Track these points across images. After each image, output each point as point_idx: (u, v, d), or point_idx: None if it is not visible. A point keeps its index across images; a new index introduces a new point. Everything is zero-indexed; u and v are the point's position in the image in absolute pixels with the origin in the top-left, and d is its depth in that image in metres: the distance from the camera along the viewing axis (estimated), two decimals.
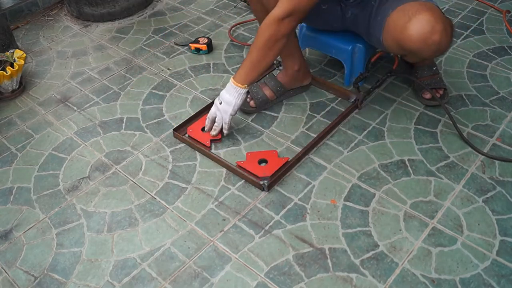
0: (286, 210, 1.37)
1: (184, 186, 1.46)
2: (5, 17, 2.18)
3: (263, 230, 1.31)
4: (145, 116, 1.73)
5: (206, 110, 1.65)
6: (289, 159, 1.48)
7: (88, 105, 1.80)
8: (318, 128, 1.62)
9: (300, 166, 1.49)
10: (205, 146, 1.55)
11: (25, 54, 1.88)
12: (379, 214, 1.34)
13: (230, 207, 1.38)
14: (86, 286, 1.21)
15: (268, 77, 1.74)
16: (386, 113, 1.67)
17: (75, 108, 1.79)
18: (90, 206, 1.42)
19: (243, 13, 2.30)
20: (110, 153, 1.59)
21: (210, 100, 1.75)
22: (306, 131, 1.62)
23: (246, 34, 2.14)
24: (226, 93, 1.50)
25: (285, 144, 1.58)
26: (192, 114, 1.68)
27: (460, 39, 2.02)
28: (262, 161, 1.49)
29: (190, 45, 2.04)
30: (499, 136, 1.56)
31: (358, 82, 1.70)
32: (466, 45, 1.98)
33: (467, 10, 2.21)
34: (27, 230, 1.36)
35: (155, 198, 1.43)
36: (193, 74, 1.92)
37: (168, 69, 1.96)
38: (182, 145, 1.60)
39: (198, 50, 2.02)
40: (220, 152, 1.56)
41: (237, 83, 1.48)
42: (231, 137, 1.61)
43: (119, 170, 1.52)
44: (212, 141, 1.57)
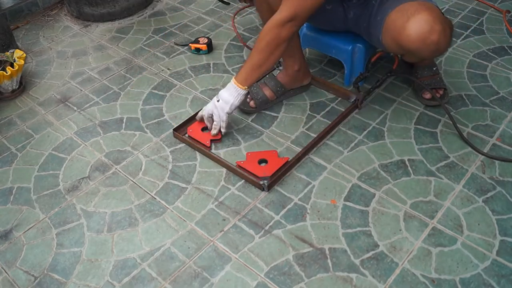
0: (286, 210, 1.37)
1: (184, 186, 1.46)
2: (5, 17, 2.18)
3: (263, 230, 1.31)
4: (145, 116, 1.73)
5: None
6: (289, 159, 1.48)
7: (88, 105, 1.80)
8: (318, 128, 1.62)
9: (300, 166, 1.49)
10: (205, 146, 1.55)
11: (25, 54, 1.88)
12: (379, 214, 1.34)
13: (230, 207, 1.38)
14: (86, 286, 1.21)
15: (268, 77, 1.74)
16: (386, 113, 1.67)
17: (75, 108, 1.79)
18: (90, 206, 1.42)
19: (243, 13, 2.30)
20: (110, 153, 1.59)
21: (210, 100, 1.75)
22: (306, 131, 1.62)
23: (246, 34, 2.13)
24: (226, 91, 1.51)
25: (285, 144, 1.58)
26: (192, 114, 1.68)
27: (460, 39, 2.02)
28: (262, 161, 1.49)
29: (190, 45, 2.04)
30: (499, 136, 1.56)
31: (358, 82, 1.70)
32: (466, 45, 1.98)
33: (467, 10, 2.21)
34: (27, 230, 1.36)
35: (155, 198, 1.43)
36: (193, 74, 1.91)
37: (168, 69, 1.96)
38: (182, 145, 1.60)
39: (198, 50, 2.02)
40: (220, 152, 1.56)
41: (237, 84, 1.49)
42: (231, 137, 1.61)
43: (119, 170, 1.52)
44: (212, 141, 1.57)
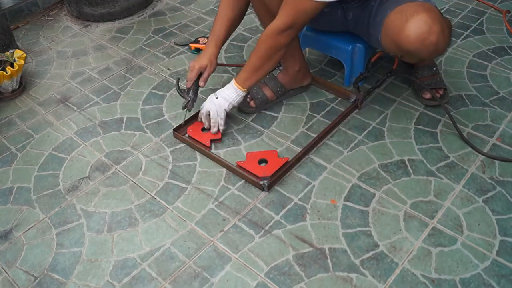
0: (286, 210, 1.37)
1: (184, 186, 1.46)
2: (5, 17, 2.18)
3: (263, 230, 1.31)
4: (145, 116, 1.73)
5: None
6: (289, 159, 1.48)
7: (88, 105, 1.80)
8: (318, 128, 1.62)
9: (300, 166, 1.49)
10: (205, 146, 1.55)
11: (25, 54, 1.88)
12: (379, 214, 1.34)
13: (230, 207, 1.38)
14: (86, 286, 1.21)
15: (268, 77, 1.74)
16: (386, 113, 1.67)
17: (75, 108, 1.79)
18: (90, 206, 1.41)
19: None
20: (110, 153, 1.59)
21: None
22: (306, 131, 1.62)
23: (246, 34, 2.14)
24: (226, 90, 1.53)
25: (285, 144, 1.58)
26: (192, 114, 1.68)
27: (460, 39, 2.02)
28: (262, 161, 1.49)
29: (190, 45, 2.04)
30: (499, 136, 1.56)
31: (358, 82, 1.70)
32: (466, 45, 1.98)
33: (467, 10, 2.21)
34: (27, 230, 1.36)
35: (155, 198, 1.43)
36: None
37: (168, 69, 1.96)
38: (182, 145, 1.60)
39: (198, 50, 2.02)
40: (220, 152, 1.56)
41: (237, 85, 1.51)
42: (231, 137, 1.61)
43: (119, 170, 1.52)
44: (212, 141, 1.57)
